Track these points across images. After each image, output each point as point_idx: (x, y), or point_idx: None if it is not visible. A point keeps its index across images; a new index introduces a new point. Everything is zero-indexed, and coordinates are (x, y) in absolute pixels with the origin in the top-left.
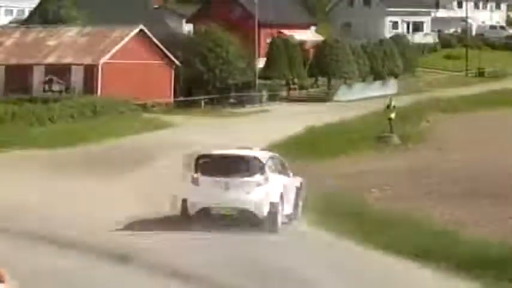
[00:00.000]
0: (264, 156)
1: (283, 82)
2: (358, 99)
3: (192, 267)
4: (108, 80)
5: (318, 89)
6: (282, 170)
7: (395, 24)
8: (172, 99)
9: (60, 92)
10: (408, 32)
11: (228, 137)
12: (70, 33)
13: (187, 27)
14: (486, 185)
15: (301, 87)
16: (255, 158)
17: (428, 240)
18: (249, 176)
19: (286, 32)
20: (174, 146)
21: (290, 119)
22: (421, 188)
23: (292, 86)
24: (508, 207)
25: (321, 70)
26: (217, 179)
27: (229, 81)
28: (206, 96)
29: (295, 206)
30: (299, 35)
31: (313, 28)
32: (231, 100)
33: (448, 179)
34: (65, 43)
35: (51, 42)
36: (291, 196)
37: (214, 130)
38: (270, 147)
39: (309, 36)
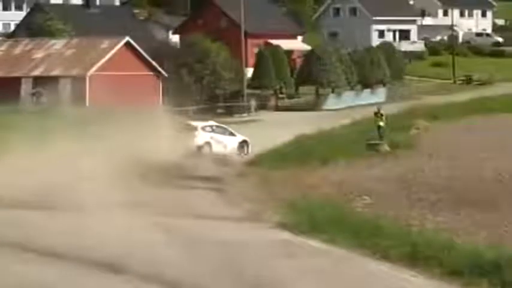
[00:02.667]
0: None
1: (271, 91)
2: (346, 107)
3: None
4: (96, 91)
5: (306, 98)
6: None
7: (381, 33)
8: None
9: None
10: (395, 40)
11: None
12: (57, 45)
13: (174, 38)
14: (477, 192)
15: (289, 97)
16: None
17: (420, 247)
18: None
19: (274, 41)
20: None
21: (279, 128)
22: (412, 196)
23: (280, 95)
24: (499, 214)
25: (308, 79)
26: None
27: (217, 91)
28: (194, 107)
29: (240, 148)
30: (286, 44)
31: (300, 38)
32: (219, 110)
33: (439, 187)
34: (52, 55)
35: (39, 55)
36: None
37: None
38: (259, 157)
39: (296, 45)
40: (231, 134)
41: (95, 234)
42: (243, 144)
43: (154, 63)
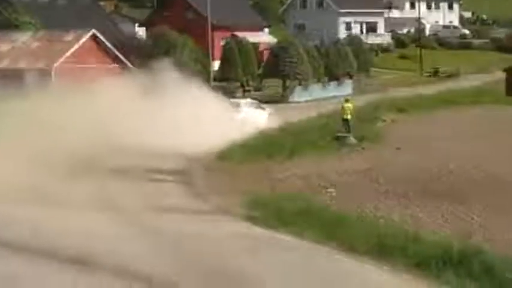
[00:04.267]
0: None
1: (238, 84)
2: (313, 100)
3: None
4: (62, 84)
5: (273, 91)
6: (257, 107)
7: (348, 25)
8: None
9: None
10: (362, 32)
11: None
12: (22, 38)
13: (140, 31)
14: (444, 185)
15: (256, 89)
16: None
17: (386, 240)
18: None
19: (240, 34)
20: None
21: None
22: (378, 188)
23: (246, 88)
24: (466, 206)
25: (275, 72)
26: None
27: None
28: None
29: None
30: (253, 37)
31: (266, 30)
32: None
33: (405, 179)
34: (18, 48)
35: (4, 48)
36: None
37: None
38: (225, 150)
39: (262, 38)
40: (262, 108)
41: (59, 227)
42: (270, 115)
43: (120, 55)
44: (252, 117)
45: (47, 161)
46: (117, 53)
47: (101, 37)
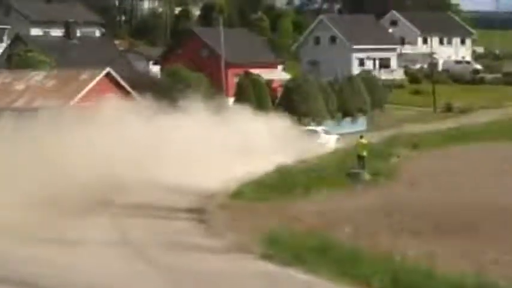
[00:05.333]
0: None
1: None
2: None
3: None
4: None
5: None
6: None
7: (361, 61)
8: None
9: None
10: (375, 68)
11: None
12: (37, 77)
13: (155, 69)
14: (459, 220)
15: None
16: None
17: (402, 276)
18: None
19: (254, 71)
20: None
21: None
22: (393, 224)
23: None
24: (481, 242)
25: (289, 108)
26: None
27: None
28: None
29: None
30: (266, 74)
31: (280, 67)
32: None
33: (420, 215)
34: (33, 87)
35: (19, 87)
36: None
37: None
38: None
39: (276, 75)
40: (329, 133)
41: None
42: (338, 139)
43: (134, 93)
44: (326, 141)
45: (59, 198)
46: (131, 90)
47: (116, 75)
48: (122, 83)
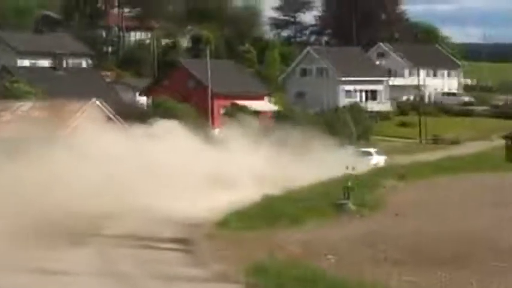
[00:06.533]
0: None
1: None
2: None
3: None
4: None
5: None
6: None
7: (349, 93)
8: None
9: None
10: (363, 100)
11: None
12: (24, 107)
13: (142, 100)
14: (442, 251)
15: None
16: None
17: None
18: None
19: (240, 102)
20: None
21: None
22: (378, 254)
23: None
24: (464, 272)
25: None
26: None
27: None
28: None
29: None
30: (253, 105)
31: (267, 98)
32: None
33: (404, 246)
34: (19, 118)
35: (5, 118)
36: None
37: None
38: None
39: (263, 106)
40: (380, 154)
41: None
42: (386, 159)
43: (121, 122)
44: (377, 161)
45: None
46: (119, 121)
47: (103, 106)
48: (110, 113)
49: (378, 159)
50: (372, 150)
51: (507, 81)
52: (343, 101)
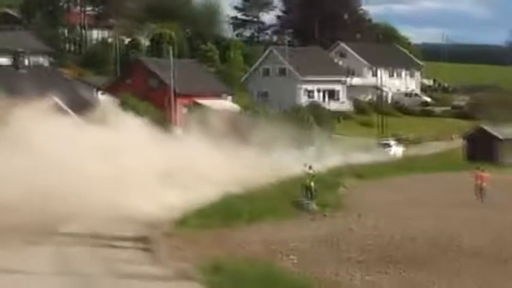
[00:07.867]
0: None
1: None
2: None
3: None
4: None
5: None
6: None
7: (310, 93)
8: None
9: None
10: (324, 99)
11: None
12: None
13: (102, 98)
14: (405, 251)
15: None
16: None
17: None
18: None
19: (202, 101)
20: None
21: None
22: (340, 254)
23: None
24: (427, 272)
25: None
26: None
27: None
28: None
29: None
30: (215, 104)
31: (229, 97)
32: None
33: (366, 245)
34: None
35: None
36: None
37: None
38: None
39: (225, 105)
40: (399, 145)
41: None
42: (404, 151)
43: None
44: (396, 151)
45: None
46: (78, 118)
47: (62, 104)
48: (69, 111)
49: (396, 150)
50: (391, 141)
51: (466, 82)
52: (304, 100)
